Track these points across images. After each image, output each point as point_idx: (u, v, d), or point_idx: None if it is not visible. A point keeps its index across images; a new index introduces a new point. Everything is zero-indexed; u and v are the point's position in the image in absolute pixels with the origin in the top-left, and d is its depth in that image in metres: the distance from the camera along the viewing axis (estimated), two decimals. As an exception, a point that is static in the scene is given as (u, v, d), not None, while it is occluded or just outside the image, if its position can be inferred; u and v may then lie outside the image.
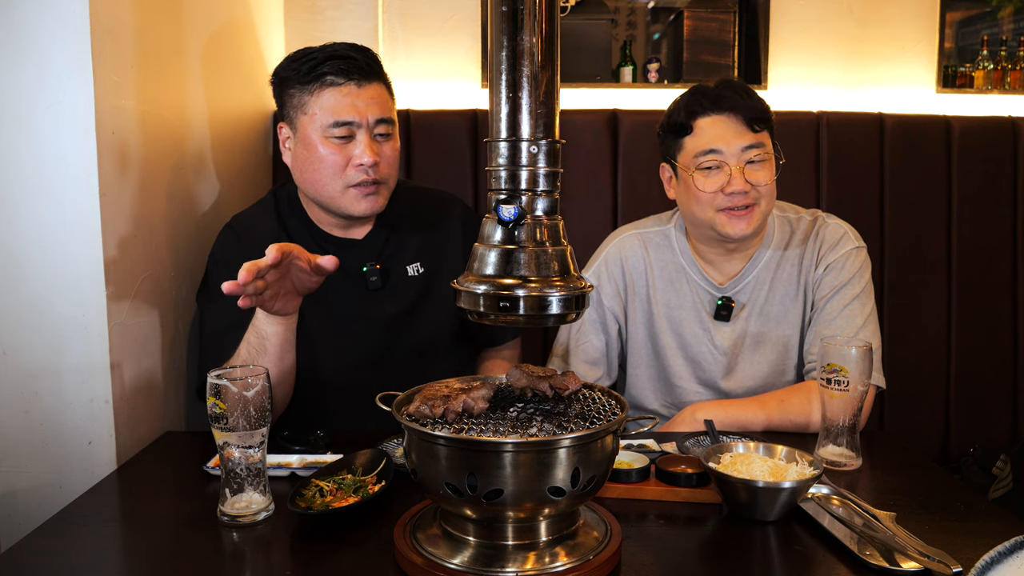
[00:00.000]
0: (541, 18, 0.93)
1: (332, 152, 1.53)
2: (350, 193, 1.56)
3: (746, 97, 1.61)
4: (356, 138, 1.53)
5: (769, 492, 1.13)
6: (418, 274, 1.69)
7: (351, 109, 1.52)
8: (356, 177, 1.54)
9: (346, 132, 1.53)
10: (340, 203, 1.57)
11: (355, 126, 1.53)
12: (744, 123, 1.61)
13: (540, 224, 0.97)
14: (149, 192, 1.57)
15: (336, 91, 1.52)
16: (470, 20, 2.52)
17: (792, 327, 1.72)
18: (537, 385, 1.07)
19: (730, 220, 1.63)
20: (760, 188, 1.61)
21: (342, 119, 1.52)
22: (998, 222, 2.36)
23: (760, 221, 1.64)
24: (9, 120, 1.36)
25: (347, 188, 1.55)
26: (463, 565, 0.97)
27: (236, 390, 1.11)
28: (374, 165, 1.54)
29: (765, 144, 1.62)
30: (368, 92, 1.54)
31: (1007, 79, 2.63)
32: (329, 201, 1.58)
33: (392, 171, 1.60)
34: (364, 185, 1.55)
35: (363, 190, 1.55)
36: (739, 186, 1.60)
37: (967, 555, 0.96)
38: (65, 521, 1.17)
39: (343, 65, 1.52)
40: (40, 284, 1.39)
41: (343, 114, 1.52)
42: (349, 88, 1.52)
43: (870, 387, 1.44)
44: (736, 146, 1.60)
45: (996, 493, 2.06)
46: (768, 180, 1.62)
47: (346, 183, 1.55)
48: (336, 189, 1.55)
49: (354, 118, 1.52)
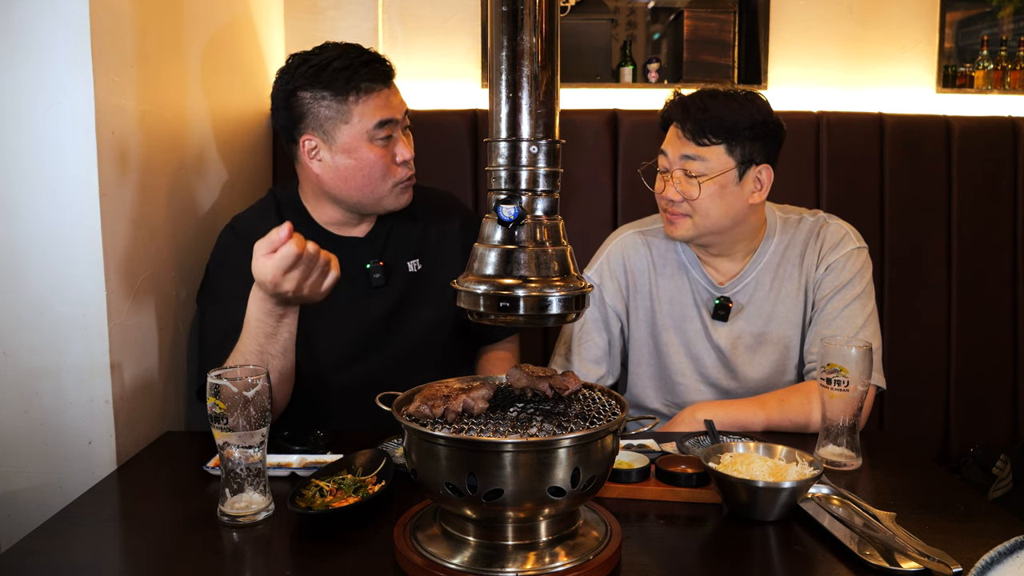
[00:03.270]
0: (541, 18, 0.93)
1: (380, 155, 1.58)
2: (396, 190, 1.62)
3: (697, 111, 1.60)
4: (395, 136, 1.60)
5: (769, 492, 1.13)
6: (418, 270, 1.70)
7: (390, 109, 1.59)
8: (403, 174, 1.61)
9: (389, 132, 1.58)
10: (385, 202, 1.63)
11: (394, 125, 1.59)
12: (688, 134, 1.62)
13: (540, 224, 0.97)
14: (149, 192, 1.57)
15: (378, 95, 1.57)
16: (470, 20, 2.52)
17: (793, 327, 1.72)
18: (537, 385, 1.07)
19: (667, 223, 1.69)
20: (692, 202, 1.62)
21: (387, 119, 1.57)
22: (998, 222, 2.36)
23: (690, 233, 1.66)
24: (9, 120, 1.36)
25: (395, 186, 1.61)
26: (463, 565, 0.97)
27: (236, 390, 1.11)
28: (411, 159, 1.62)
29: (708, 159, 1.60)
30: (396, 91, 1.63)
31: (1007, 79, 2.63)
32: (374, 202, 1.63)
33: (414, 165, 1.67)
34: (408, 180, 1.63)
35: (406, 184, 1.63)
36: (668, 193, 1.65)
37: (967, 555, 0.96)
38: (65, 521, 1.17)
39: (377, 71, 1.58)
40: (40, 284, 1.39)
41: (386, 113, 1.57)
42: (386, 91, 1.60)
43: (870, 387, 1.44)
44: (675, 154, 1.63)
45: (996, 493, 2.06)
46: (692, 196, 1.61)
47: (396, 181, 1.61)
48: (386, 188, 1.61)
49: (395, 116, 1.59)
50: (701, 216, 1.63)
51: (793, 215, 1.77)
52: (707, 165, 1.60)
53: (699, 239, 1.69)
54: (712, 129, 1.59)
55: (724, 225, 1.65)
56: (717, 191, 1.61)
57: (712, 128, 1.59)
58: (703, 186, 1.60)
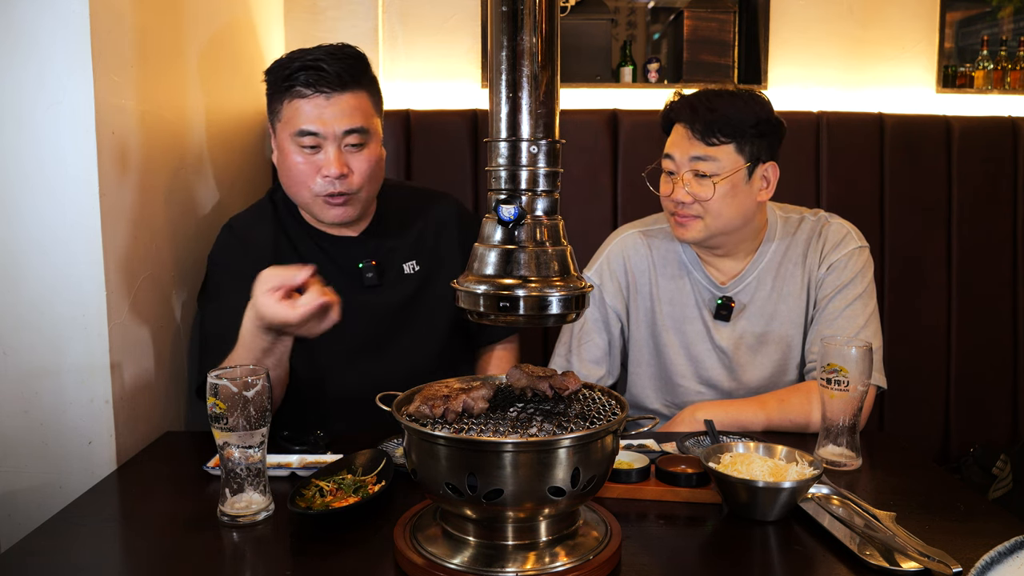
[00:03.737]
0: (541, 18, 0.93)
1: (302, 160, 1.55)
2: (319, 201, 1.57)
3: (705, 111, 1.59)
4: (323, 149, 1.54)
5: (769, 492, 1.13)
6: (414, 271, 1.70)
7: (316, 121, 1.52)
8: (324, 188, 1.55)
9: (313, 142, 1.53)
10: (312, 210, 1.61)
11: (320, 137, 1.53)
12: (697, 134, 1.60)
13: (540, 224, 0.97)
14: (149, 192, 1.57)
15: (305, 102, 1.52)
16: (470, 20, 2.52)
17: (794, 327, 1.72)
18: (537, 385, 1.07)
19: (676, 224, 1.67)
20: (704, 203, 1.61)
21: (307, 130, 1.52)
22: (998, 222, 2.36)
23: (702, 234, 1.65)
24: (9, 120, 1.36)
25: (316, 197, 1.56)
26: (463, 565, 0.97)
27: (236, 390, 1.11)
28: (340, 177, 1.54)
29: (719, 159, 1.59)
30: (339, 103, 1.53)
31: (1007, 79, 2.63)
32: (303, 206, 1.62)
33: (366, 181, 1.58)
34: (332, 197, 1.56)
35: (332, 200, 1.56)
36: (679, 196, 1.63)
37: (967, 555, 0.96)
38: (65, 521, 1.17)
39: (312, 77, 1.52)
40: (40, 284, 1.39)
41: (308, 125, 1.52)
42: (317, 100, 1.52)
43: (870, 387, 1.44)
44: (684, 155, 1.62)
45: (996, 493, 2.06)
46: (706, 196, 1.60)
47: (314, 192, 1.56)
48: (307, 196, 1.58)
49: (319, 130, 1.52)
50: (713, 217, 1.62)
51: (794, 215, 1.77)
52: (718, 165, 1.60)
53: (709, 240, 1.68)
54: (721, 128, 1.59)
55: (735, 224, 1.65)
56: (729, 191, 1.61)
57: (721, 127, 1.58)
58: (717, 186, 1.59)
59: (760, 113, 1.61)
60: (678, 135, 1.65)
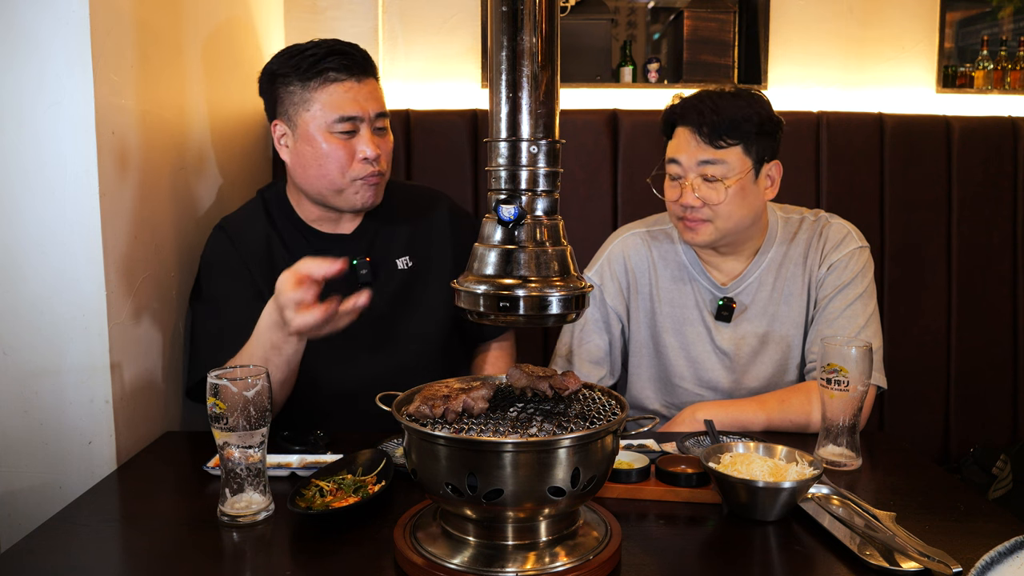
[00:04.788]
0: (541, 18, 0.93)
1: (337, 147, 1.55)
2: (355, 186, 1.58)
3: (711, 113, 1.58)
4: (359, 132, 1.56)
5: (769, 492, 1.13)
6: (407, 268, 1.70)
7: (354, 104, 1.55)
8: (363, 171, 1.57)
9: (350, 127, 1.55)
10: (344, 196, 1.60)
11: (359, 120, 1.56)
12: (704, 137, 1.59)
13: (540, 224, 0.97)
14: (149, 192, 1.57)
15: (340, 87, 1.54)
16: (470, 20, 2.52)
17: (795, 327, 1.72)
18: (537, 385, 1.07)
19: (685, 229, 1.67)
20: (715, 207, 1.60)
21: (347, 114, 1.54)
22: (998, 222, 2.36)
23: (712, 237, 1.64)
24: (9, 120, 1.36)
25: (353, 182, 1.58)
26: (463, 565, 0.97)
27: (236, 390, 1.11)
28: (377, 158, 1.57)
29: (728, 162, 1.58)
30: (367, 87, 1.57)
31: (1007, 79, 2.63)
32: (333, 195, 1.60)
33: (390, 164, 1.64)
34: (369, 177, 1.58)
35: (368, 182, 1.59)
36: (688, 200, 1.61)
37: (967, 555, 0.96)
38: (65, 521, 1.17)
39: (345, 61, 1.54)
40: (40, 284, 1.39)
41: (348, 109, 1.54)
42: (351, 83, 1.55)
43: (870, 387, 1.44)
44: (692, 160, 1.60)
45: (996, 493, 2.06)
46: (717, 200, 1.59)
47: (352, 177, 1.57)
48: (341, 183, 1.58)
49: (358, 113, 1.55)
50: (724, 219, 1.62)
51: (794, 215, 1.77)
52: (728, 168, 1.59)
53: (718, 243, 1.68)
54: (728, 130, 1.58)
55: (745, 225, 1.65)
56: (739, 192, 1.60)
57: (728, 129, 1.58)
58: (728, 189, 1.59)
59: (762, 112, 1.61)
60: (683, 139, 1.63)
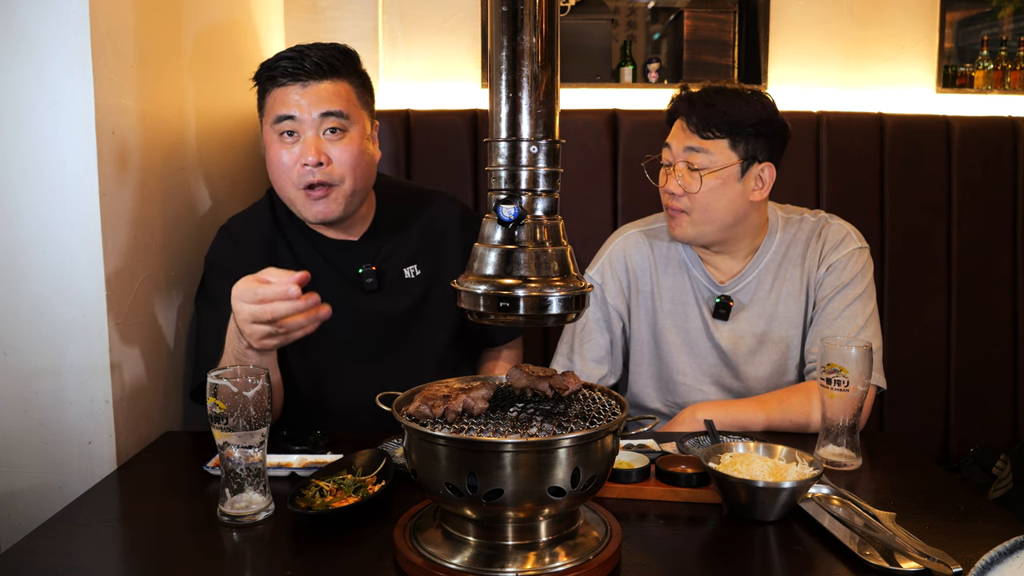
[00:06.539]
0: (541, 18, 0.93)
1: (281, 152, 1.53)
2: (300, 195, 1.54)
3: (703, 106, 1.61)
4: (301, 136, 1.52)
5: (769, 492, 1.13)
6: (415, 276, 1.67)
7: (293, 106, 1.51)
8: (303, 178, 1.51)
9: (290, 127, 1.51)
10: (296, 207, 1.57)
11: (297, 121, 1.51)
12: (692, 127, 1.62)
13: (540, 224, 0.97)
14: (149, 192, 1.57)
15: (282, 90, 1.52)
16: (470, 20, 2.52)
17: (794, 327, 1.72)
18: (537, 385, 1.07)
19: (669, 220, 1.69)
20: (692, 196, 1.62)
21: (281, 113, 1.51)
22: (998, 222, 2.36)
23: (690, 232, 1.66)
24: (9, 120, 1.36)
25: (298, 190, 1.53)
26: (463, 565, 0.97)
27: (236, 390, 1.11)
28: (319, 165, 1.50)
29: (711, 153, 1.60)
30: (316, 90, 1.51)
31: (1007, 79, 2.63)
32: (289, 205, 1.59)
33: (348, 172, 1.53)
34: (312, 188, 1.52)
35: (312, 193, 1.52)
36: (670, 186, 1.65)
37: (967, 555, 0.96)
38: (65, 521, 1.17)
39: (292, 65, 1.51)
40: (40, 284, 1.39)
41: (282, 109, 1.51)
42: (294, 88, 1.52)
43: (870, 387, 1.44)
44: (680, 146, 1.64)
45: (996, 493, 2.06)
46: (695, 188, 1.61)
47: (296, 185, 1.53)
48: (290, 191, 1.55)
49: (294, 113, 1.51)
50: (699, 212, 1.63)
51: (795, 215, 1.78)
52: (710, 158, 1.61)
53: (700, 240, 1.68)
54: (716, 123, 1.60)
55: (724, 222, 1.65)
56: (718, 185, 1.61)
57: (716, 122, 1.60)
58: (704, 179, 1.60)
59: (761, 113, 1.61)
60: (677, 127, 1.67)
